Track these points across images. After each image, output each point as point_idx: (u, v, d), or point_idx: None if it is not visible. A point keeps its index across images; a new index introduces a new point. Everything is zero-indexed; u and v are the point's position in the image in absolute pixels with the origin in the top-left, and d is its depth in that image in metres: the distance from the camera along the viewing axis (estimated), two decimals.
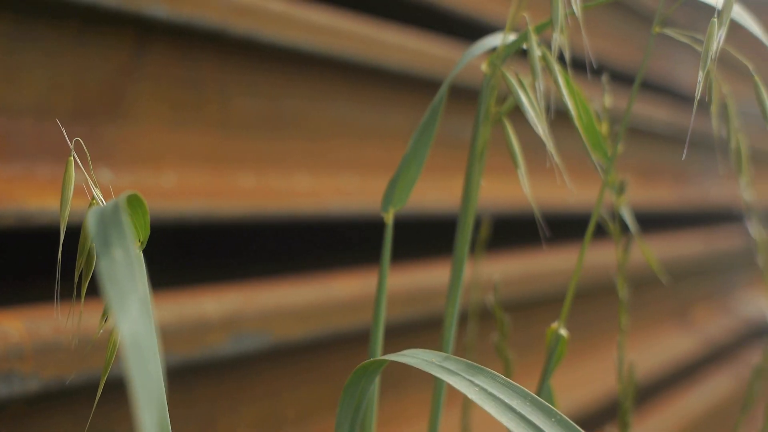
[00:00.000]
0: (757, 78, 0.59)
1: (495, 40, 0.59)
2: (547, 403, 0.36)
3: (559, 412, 0.36)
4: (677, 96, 2.11)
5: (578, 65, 0.68)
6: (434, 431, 0.58)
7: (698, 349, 1.96)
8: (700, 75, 0.52)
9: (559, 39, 0.52)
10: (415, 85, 1.13)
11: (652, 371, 1.70)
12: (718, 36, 0.53)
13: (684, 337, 1.92)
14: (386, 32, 1.06)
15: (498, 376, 0.39)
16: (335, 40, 0.98)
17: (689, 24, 2.13)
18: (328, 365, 0.97)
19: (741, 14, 0.60)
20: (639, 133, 1.85)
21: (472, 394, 0.38)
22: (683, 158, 2.15)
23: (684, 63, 2.14)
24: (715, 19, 0.52)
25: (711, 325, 2.11)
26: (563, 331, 0.58)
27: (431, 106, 0.56)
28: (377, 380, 0.51)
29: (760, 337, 2.30)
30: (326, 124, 1.01)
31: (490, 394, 0.38)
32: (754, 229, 0.81)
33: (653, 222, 1.99)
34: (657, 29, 0.57)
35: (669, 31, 0.58)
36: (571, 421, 0.35)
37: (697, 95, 0.53)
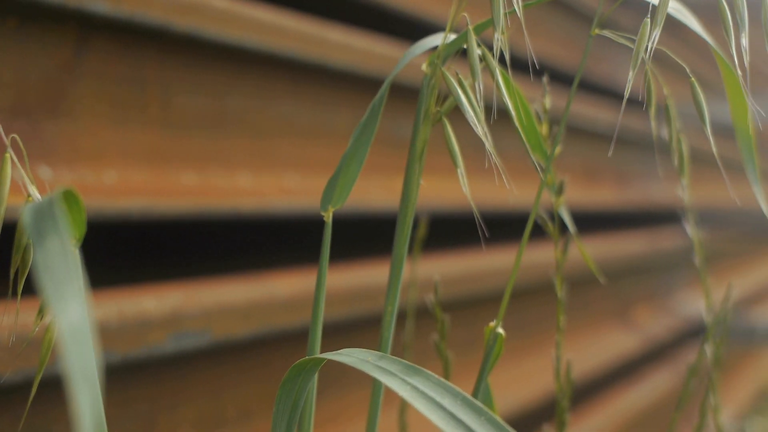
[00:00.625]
0: (693, 80, 0.60)
1: (436, 39, 0.59)
2: (477, 402, 0.37)
3: (489, 411, 0.36)
4: (620, 97, 2.14)
5: (522, 66, 0.69)
6: (373, 429, 0.58)
7: (639, 348, 1.98)
8: (630, 74, 0.53)
9: (500, 39, 0.53)
10: (359, 85, 1.13)
11: (594, 369, 1.71)
12: (652, 36, 0.53)
13: (625, 336, 1.94)
14: (331, 31, 1.06)
15: (431, 376, 0.40)
16: (279, 39, 0.98)
17: (634, 27, 2.15)
18: (270, 363, 0.97)
19: (681, 11, 0.61)
20: (582, 133, 1.87)
21: (405, 393, 0.38)
22: (625, 159, 2.17)
23: (627, 64, 2.16)
24: (648, 20, 0.53)
25: (652, 324, 2.14)
26: (500, 330, 0.58)
27: (371, 105, 0.56)
28: (315, 378, 0.52)
29: (699, 336, 2.33)
30: (270, 123, 1.01)
31: (423, 393, 0.39)
32: (691, 229, 0.82)
33: (596, 222, 2.01)
34: (595, 31, 0.58)
35: (607, 33, 0.59)
36: (500, 420, 0.36)
37: (626, 95, 0.54)
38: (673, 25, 0.60)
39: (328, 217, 0.56)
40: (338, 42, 1.07)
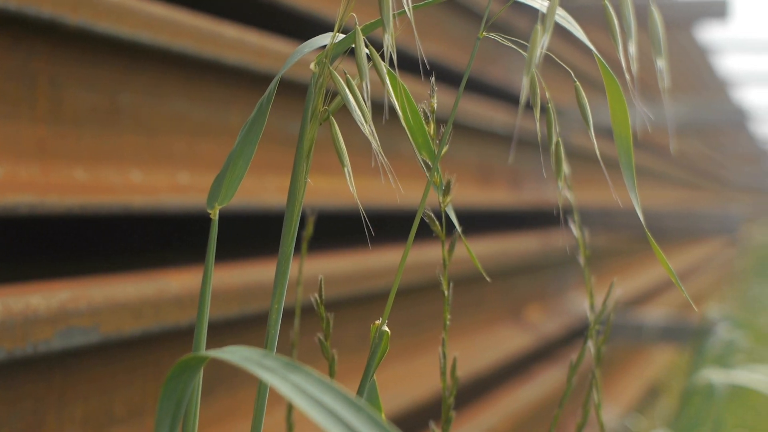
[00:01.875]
0: (578, 84, 0.62)
1: (325, 39, 0.59)
2: (356, 400, 0.38)
3: (368, 408, 0.37)
4: (515, 98, 2.17)
5: (416, 66, 0.69)
6: (258, 426, 0.58)
7: (531, 345, 2.01)
8: (524, 81, 0.54)
9: (388, 39, 0.53)
10: (253, 82, 1.13)
11: (486, 366, 1.74)
12: (542, 42, 0.55)
13: (518, 334, 1.97)
14: (225, 27, 1.06)
15: (312, 374, 0.40)
16: (173, 34, 0.98)
17: (529, 30, 2.19)
18: (161, 361, 0.96)
19: (566, 18, 0.62)
20: (478, 134, 1.89)
21: (286, 390, 0.39)
22: (520, 159, 2.20)
23: (522, 66, 2.19)
24: (539, 26, 0.54)
25: (544, 322, 2.17)
26: (386, 328, 0.59)
27: (259, 103, 0.56)
28: (200, 376, 0.52)
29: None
30: (162, 119, 1.01)
31: (304, 391, 0.39)
32: (575, 230, 0.84)
33: (491, 221, 2.04)
34: (483, 34, 0.59)
35: (494, 36, 0.60)
36: (378, 416, 0.37)
37: (522, 99, 0.55)
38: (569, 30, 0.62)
39: (215, 215, 0.56)
40: (233, 38, 1.06)
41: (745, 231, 8.26)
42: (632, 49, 0.58)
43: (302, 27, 1.32)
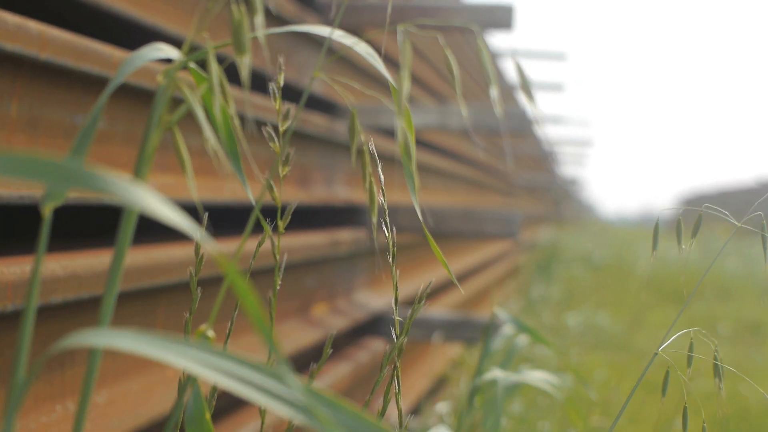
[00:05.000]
0: (354, 110, 0.68)
1: (159, 52, 0.63)
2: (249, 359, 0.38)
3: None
4: (307, 99, 2.19)
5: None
6: (84, 408, 0.58)
7: (318, 341, 2.03)
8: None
9: (246, 62, 0.58)
10: (35, 71, 1.10)
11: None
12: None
13: (306, 330, 1.98)
14: (4, 14, 1.03)
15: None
16: None
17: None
18: None
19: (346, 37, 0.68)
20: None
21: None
22: (305, 158, 2.22)
23: (312, 63, 2.21)
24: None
25: (332, 318, 2.20)
26: (211, 332, 0.60)
27: (97, 107, 0.58)
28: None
29: (373, 329, 2.42)
30: None
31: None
32: (372, 230, 0.87)
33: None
34: (317, 74, 0.65)
35: (325, 78, 0.67)
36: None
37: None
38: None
39: (48, 213, 0.58)
40: (13, 25, 1.03)
41: (529, 232, 8.58)
42: (494, 93, 0.65)
43: (75, 13, 1.29)
